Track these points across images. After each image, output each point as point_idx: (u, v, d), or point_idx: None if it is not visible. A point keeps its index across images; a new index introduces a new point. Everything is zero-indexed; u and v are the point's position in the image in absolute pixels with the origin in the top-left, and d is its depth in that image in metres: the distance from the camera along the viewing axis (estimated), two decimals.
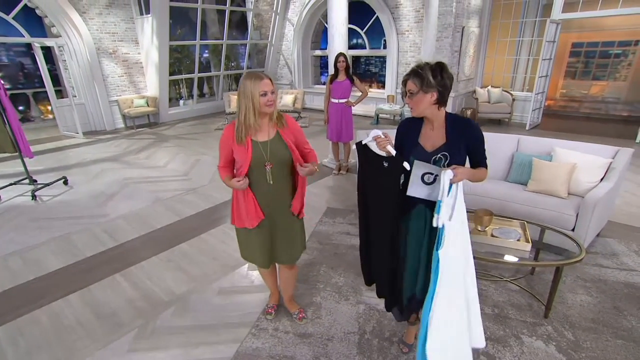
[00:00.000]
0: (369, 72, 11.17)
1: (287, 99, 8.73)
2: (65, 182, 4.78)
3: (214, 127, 8.30)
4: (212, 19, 10.76)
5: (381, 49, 9.08)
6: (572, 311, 2.34)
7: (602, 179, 2.99)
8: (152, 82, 8.49)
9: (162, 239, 3.40)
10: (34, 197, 4.31)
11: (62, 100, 7.69)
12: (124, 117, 8.28)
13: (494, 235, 2.39)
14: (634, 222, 3.49)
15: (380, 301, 2.44)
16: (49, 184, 4.57)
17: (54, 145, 6.93)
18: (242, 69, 11.06)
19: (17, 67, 10.01)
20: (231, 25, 10.05)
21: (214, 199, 4.24)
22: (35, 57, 6.97)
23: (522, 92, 8.32)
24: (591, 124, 8.11)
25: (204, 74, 10.18)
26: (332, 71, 4.65)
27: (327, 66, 4.74)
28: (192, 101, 9.83)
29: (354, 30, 9.25)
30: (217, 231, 3.50)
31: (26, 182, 4.52)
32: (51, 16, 7.12)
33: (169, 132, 7.96)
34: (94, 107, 7.97)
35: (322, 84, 10.49)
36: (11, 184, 4.51)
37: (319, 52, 10.36)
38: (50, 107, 8.38)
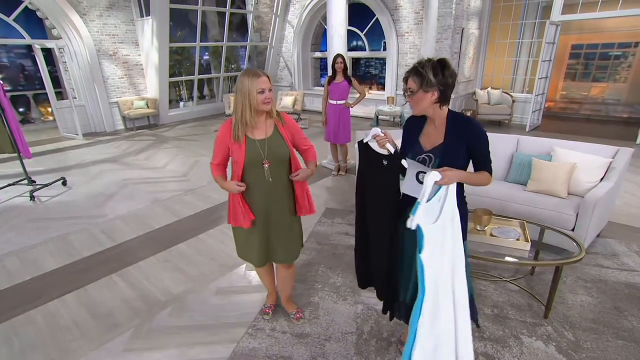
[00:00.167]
0: (368, 74, 11.17)
1: (287, 100, 8.74)
2: (63, 183, 4.78)
3: (213, 128, 8.30)
4: (213, 21, 10.80)
5: (381, 51, 9.09)
6: (573, 311, 2.32)
7: (602, 179, 2.98)
8: (152, 83, 8.50)
9: (160, 239, 3.38)
10: (32, 197, 4.30)
11: (62, 101, 7.71)
12: (124, 118, 8.29)
13: (493, 234, 2.37)
14: (635, 222, 3.47)
15: (379, 301, 2.42)
16: (47, 185, 4.57)
17: (54, 146, 6.93)
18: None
19: (18, 69, 10.03)
20: (231, 27, 10.08)
21: (212, 199, 4.23)
22: (35, 58, 6.99)
23: (522, 93, 8.31)
24: (591, 125, 8.10)
25: (204, 76, 10.20)
26: (331, 72, 4.65)
27: (327, 68, 4.74)
28: (192, 103, 9.85)
29: (354, 32, 9.26)
30: (215, 231, 3.48)
31: (25, 182, 4.52)
32: (52, 18, 7.14)
33: (169, 133, 7.97)
34: (94, 109, 7.98)
35: (322, 86, 10.50)
36: (10, 185, 4.50)
37: (318, 54, 10.37)
38: (50, 109, 8.39)
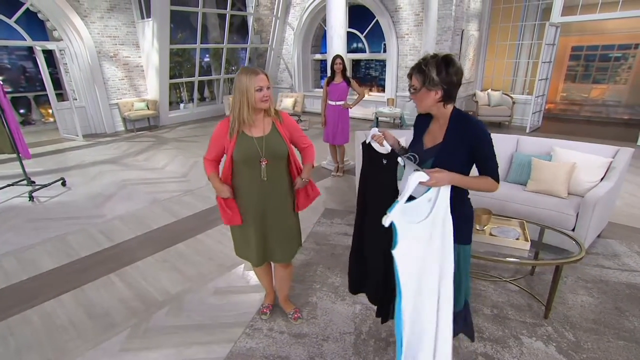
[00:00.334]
0: (369, 76, 11.19)
1: (287, 102, 8.74)
2: (63, 184, 4.77)
3: (213, 130, 8.29)
4: (213, 23, 10.83)
5: (381, 53, 9.10)
6: (573, 312, 2.30)
7: (602, 179, 2.96)
8: (152, 85, 8.52)
9: (159, 239, 3.37)
10: (32, 198, 4.29)
11: (62, 103, 7.72)
12: (124, 120, 8.29)
13: (492, 234, 2.36)
14: (635, 223, 3.45)
15: None
16: (46, 185, 4.56)
17: (54, 147, 6.94)
18: None
19: (19, 71, 10.07)
20: (232, 29, 10.11)
21: (211, 200, 4.21)
22: (36, 60, 7.01)
23: (522, 95, 8.31)
24: (592, 127, 8.08)
25: (204, 78, 10.22)
26: (330, 73, 4.65)
27: (327, 70, 4.74)
28: (192, 105, 9.86)
29: (354, 34, 9.28)
30: (214, 232, 3.47)
31: (24, 183, 4.52)
32: (53, 20, 7.17)
33: (169, 135, 7.97)
34: (95, 110, 7.99)
35: (322, 88, 10.52)
36: (9, 185, 4.49)
37: (319, 56, 10.39)
38: (51, 111, 8.40)
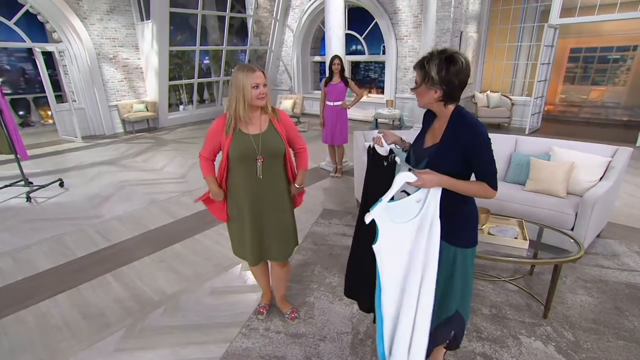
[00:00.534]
0: (368, 78, 11.22)
1: (287, 103, 8.75)
2: (61, 184, 4.76)
3: None
4: (213, 25, 10.87)
5: (380, 55, 9.11)
6: (572, 312, 2.28)
7: (601, 178, 2.95)
8: (151, 87, 8.52)
9: (156, 239, 3.35)
10: (29, 198, 4.28)
11: (61, 104, 7.72)
12: (124, 121, 8.29)
13: (490, 233, 2.34)
14: (635, 223, 3.43)
15: None
16: (44, 186, 4.55)
17: (52, 149, 6.93)
18: None
19: (19, 73, 10.09)
20: (231, 31, 10.13)
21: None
22: (36, 62, 7.02)
23: (521, 96, 8.31)
24: (591, 128, 8.08)
25: (203, 80, 10.23)
26: (328, 74, 4.65)
27: (327, 71, 4.75)
28: (192, 106, 9.87)
29: (354, 36, 9.31)
30: (211, 232, 3.45)
31: (21, 184, 4.50)
32: (52, 22, 7.18)
33: (168, 136, 7.97)
34: (94, 112, 7.99)
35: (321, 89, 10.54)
36: (6, 186, 4.48)
37: (318, 58, 10.41)
38: (50, 112, 8.41)
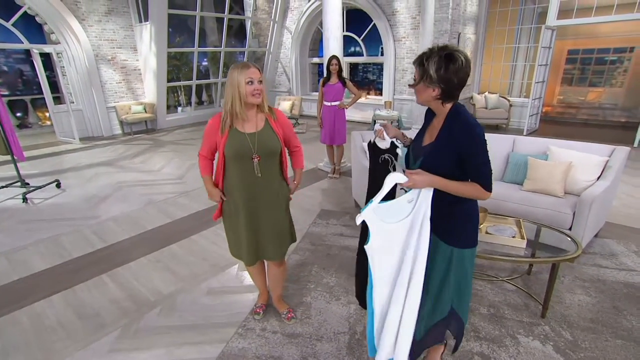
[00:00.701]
0: (366, 79, 11.23)
1: (285, 105, 8.75)
2: (57, 185, 4.74)
3: None
4: (211, 27, 10.89)
5: (378, 56, 9.13)
6: (570, 311, 2.27)
7: (598, 178, 2.95)
8: (150, 88, 8.52)
9: (152, 240, 3.33)
10: (25, 199, 4.25)
11: (59, 106, 7.71)
12: (122, 123, 8.28)
13: (488, 232, 2.33)
14: (633, 223, 3.43)
15: None
16: (40, 187, 4.53)
17: (50, 150, 6.91)
18: None
19: (16, 74, 10.07)
20: (230, 33, 10.15)
21: (207, 201, 4.18)
22: (34, 63, 7.00)
23: (519, 98, 8.34)
24: (589, 129, 8.10)
25: (202, 81, 10.23)
26: (326, 74, 4.65)
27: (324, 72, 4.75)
28: (190, 108, 9.87)
29: (352, 37, 9.33)
30: (208, 232, 3.43)
31: (18, 185, 4.48)
32: (50, 23, 7.18)
33: (166, 138, 7.95)
34: (92, 113, 7.98)
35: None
36: (2, 187, 4.45)
37: (316, 60, 10.42)
38: (48, 114, 8.38)
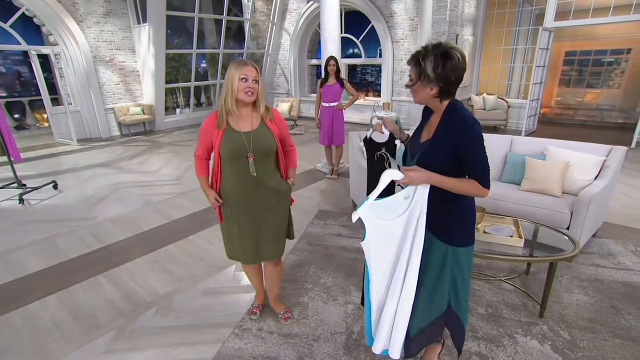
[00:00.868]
0: (365, 81, 11.25)
1: (283, 106, 8.75)
2: (54, 187, 4.72)
3: None
4: (210, 29, 10.90)
5: (377, 58, 9.15)
6: (568, 310, 2.26)
7: (596, 177, 2.95)
8: (148, 90, 8.51)
9: (149, 240, 3.32)
10: (22, 200, 4.23)
11: (57, 107, 7.71)
12: (120, 124, 8.27)
13: (485, 232, 2.33)
14: (631, 223, 3.43)
15: None
16: (37, 188, 4.51)
17: (47, 151, 6.89)
18: None
19: (14, 75, 10.06)
20: (228, 34, 10.16)
21: (204, 201, 4.16)
22: (32, 65, 6.99)
23: (517, 99, 8.36)
24: (587, 130, 8.12)
25: (200, 83, 10.24)
26: (323, 75, 4.65)
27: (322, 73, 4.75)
28: (188, 110, 9.86)
29: (350, 39, 9.35)
30: (205, 233, 3.42)
31: (14, 186, 4.46)
32: (49, 24, 7.18)
33: (164, 139, 7.94)
34: (90, 115, 7.96)
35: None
36: None
37: (315, 61, 10.44)
38: (45, 115, 8.37)
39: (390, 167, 1.57)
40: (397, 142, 1.53)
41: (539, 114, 8.07)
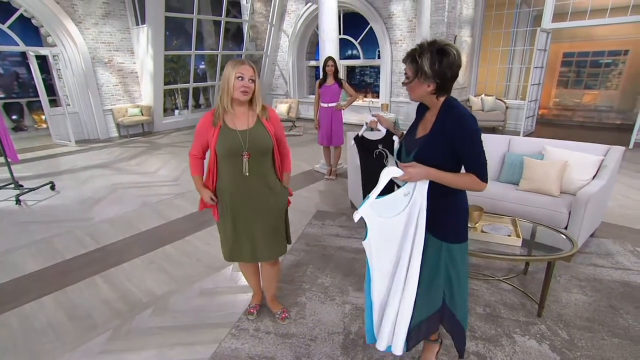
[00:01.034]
0: (363, 83, 11.26)
1: (282, 108, 8.75)
2: (52, 187, 4.70)
3: None
4: (209, 30, 10.90)
5: (375, 59, 9.16)
6: (567, 310, 2.25)
7: (594, 177, 2.95)
8: (147, 91, 8.50)
9: (146, 241, 3.30)
10: (18, 201, 4.22)
11: (55, 108, 7.68)
12: (118, 126, 8.25)
13: (483, 231, 2.32)
14: (629, 223, 3.43)
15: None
16: (34, 189, 4.49)
17: (45, 153, 6.87)
18: None
19: (12, 77, 10.04)
20: (227, 36, 10.17)
21: None
22: (30, 66, 6.98)
23: (515, 100, 8.37)
24: (585, 131, 8.13)
25: (199, 84, 10.24)
26: (322, 75, 4.65)
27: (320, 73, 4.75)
28: (187, 111, 9.85)
29: (349, 41, 9.36)
30: (203, 234, 3.41)
31: (11, 187, 4.44)
32: (47, 26, 7.17)
33: (163, 140, 7.93)
34: (88, 116, 7.95)
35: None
36: None
37: (313, 63, 10.45)
38: (43, 117, 8.35)
39: (388, 164, 1.56)
40: (395, 138, 1.51)
41: (537, 115, 8.09)
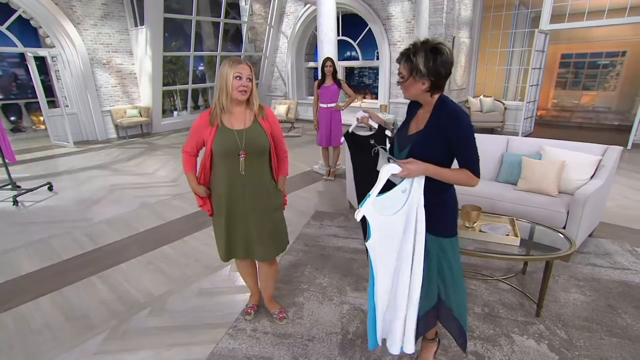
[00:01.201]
0: (362, 84, 11.29)
1: (281, 109, 8.75)
2: (49, 188, 4.68)
3: None
4: (208, 32, 10.91)
5: (374, 60, 9.18)
6: (565, 310, 2.25)
7: (592, 177, 2.95)
8: (145, 92, 8.50)
9: (144, 241, 3.29)
10: (16, 202, 4.20)
11: (53, 109, 7.67)
12: (117, 127, 8.24)
13: (482, 230, 2.32)
14: (627, 223, 3.43)
15: (364, 301, 2.34)
16: (32, 190, 4.48)
17: (43, 154, 6.86)
18: None
19: (11, 78, 10.04)
20: (226, 37, 10.18)
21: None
22: (28, 67, 6.97)
23: (514, 101, 8.39)
24: (583, 132, 8.15)
25: (198, 85, 10.24)
26: (320, 76, 4.65)
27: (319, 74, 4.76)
28: (186, 112, 9.85)
29: (348, 42, 9.38)
30: (201, 234, 3.40)
31: (9, 187, 4.42)
32: (45, 27, 7.17)
33: (161, 141, 7.92)
34: (86, 117, 7.94)
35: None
36: None
37: (312, 64, 10.46)
38: (42, 118, 8.34)
39: (380, 160, 1.56)
40: (388, 133, 1.52)
41: (535, 116, 8.11)
